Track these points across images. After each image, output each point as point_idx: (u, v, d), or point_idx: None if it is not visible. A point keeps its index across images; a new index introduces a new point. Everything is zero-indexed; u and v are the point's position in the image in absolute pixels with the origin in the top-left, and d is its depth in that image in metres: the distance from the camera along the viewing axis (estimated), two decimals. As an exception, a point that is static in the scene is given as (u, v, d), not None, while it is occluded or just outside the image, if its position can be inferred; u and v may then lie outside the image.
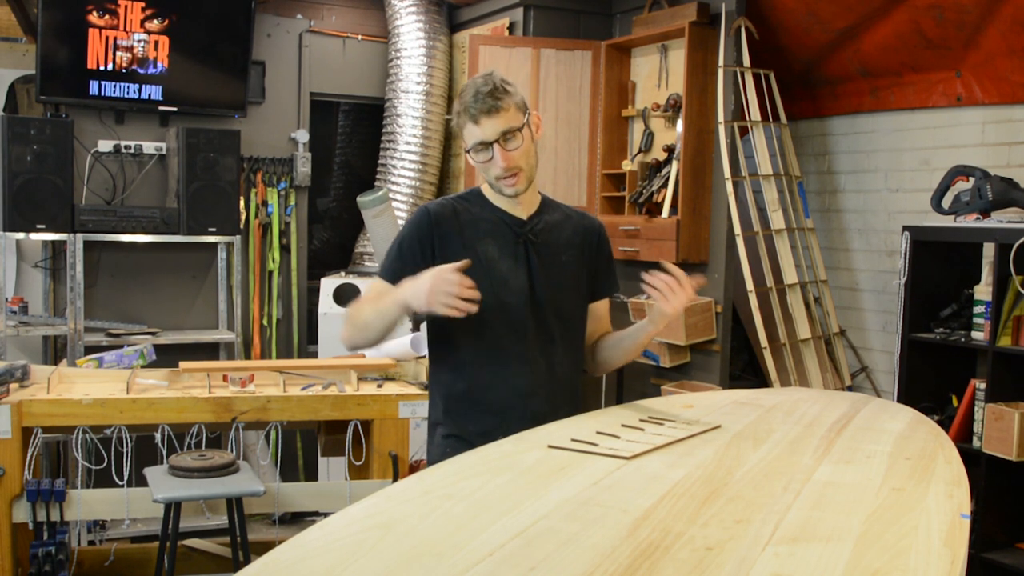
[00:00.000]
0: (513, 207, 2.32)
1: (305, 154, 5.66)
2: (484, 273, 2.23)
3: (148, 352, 4.22)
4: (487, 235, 2.28)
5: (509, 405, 2.26)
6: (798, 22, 4.39)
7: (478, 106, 2.17)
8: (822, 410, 2.37)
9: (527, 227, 2.32)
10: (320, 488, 4.25)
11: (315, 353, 5.49)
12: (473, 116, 2.18)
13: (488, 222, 2.30)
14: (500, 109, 2.18)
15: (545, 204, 2.39)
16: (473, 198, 2.35)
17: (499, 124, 2.18)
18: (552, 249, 2.33)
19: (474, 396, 2.29)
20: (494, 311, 2.24)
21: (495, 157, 2.20)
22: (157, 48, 5.09)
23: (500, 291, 2.25)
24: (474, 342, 2.27)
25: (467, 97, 2.19)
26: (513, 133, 2.20)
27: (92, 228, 4.89)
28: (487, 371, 2.28)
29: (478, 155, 2.22)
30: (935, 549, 1.42)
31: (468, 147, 2.24)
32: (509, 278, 2.27)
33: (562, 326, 2.33)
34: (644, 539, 1.41)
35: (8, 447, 3.33)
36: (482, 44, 5.05)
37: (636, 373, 4.96)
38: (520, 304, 2.27)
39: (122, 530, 4.83)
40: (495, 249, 2.28)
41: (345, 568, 1.29)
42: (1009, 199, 3.68)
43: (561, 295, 2.32)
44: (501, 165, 2.20)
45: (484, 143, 2.20)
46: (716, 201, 4.54)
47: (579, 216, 2.44)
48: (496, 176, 2.23)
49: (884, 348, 4.56)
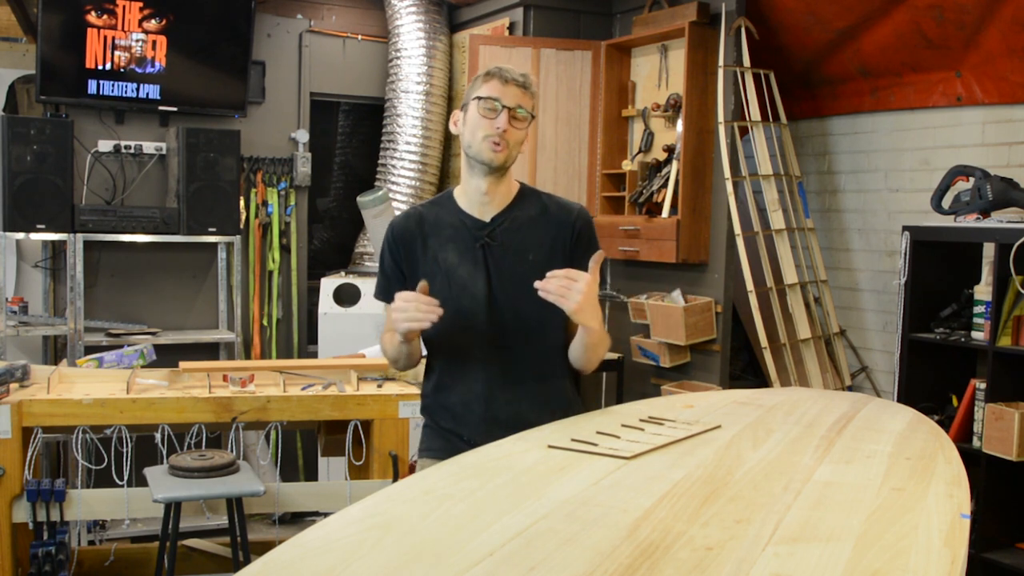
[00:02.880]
0: (480, 208, 2.31)
1: (305, 154, 5.66)
2: (445, 280, 2.27)
3: (148, 352, 4.22)
4: (449, 241, 2.30)
5: (468, 409, 2.30)
6: (798, 22, 4.39)
7: (512, 76, 2.23)
8: (822, 410, 2.37)
9: (487, 229, 2.29)
10: (320, 488, 4.25)
11: (315, 353, 5.49)
12: (504, 79, 2.22)
13: (451, 227, 2.31)
14: (528, 89, 2.25)
15: (521, 197, 2.35)
16: (444, 201, 2.38)
17: (521, 97, 2.23)
18: (516, 249, 2.28)
19: (440, 397, 2.37)
20: (454, 317, 2.25)
21: (500, 117, 2.21)
22: (155, 48, 5.09)
23: (460, 297, 2.26)
24: (439, 347, 2.35)
25: (499, 67, 2.25)
26: (524, 116, 2.24)
27: (92, 228, 4.89)
28: (450, 375, 2.34)
29: (484, 107, 2.22)
30: (935, 549, 1.42)
31: (480, 95, 2.23)
32: (468, 283, 2.27)
33: (527, 329, 2.28)
34: (644, 539, 1.41)
35: (8, 447, 3.32)
36: (482, 44, 5.05)
37: (636, 373, 4.96)
38: (479, 309, 2.26)
39: (122, 530, 4.83)
40: (455, 255, 2.29)
41: (345, 568, 1.29)
42: (1009, 199, 3.68)
43: (524, 297, 2.22)
44: (501, 126, 2.21)
45: (499, 101, 2.21)
46: (716, 201, 4.54)
47: (558, 208, 2.36)
48: (487, 135, 2.22)
49: (884, 348, 4.56)
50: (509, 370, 2.29)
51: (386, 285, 2.35)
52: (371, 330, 5.10)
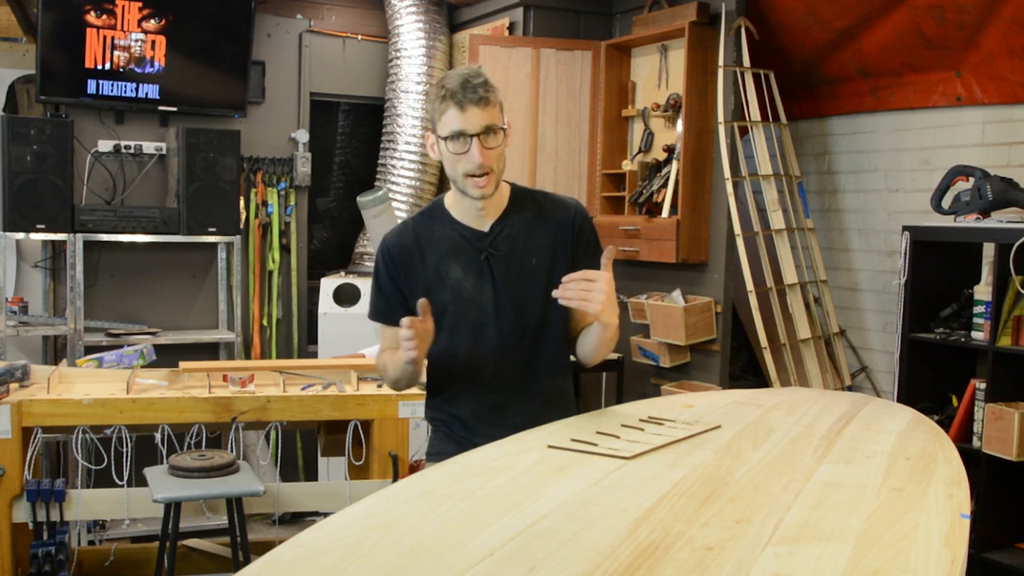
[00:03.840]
0: (476, 218, 2.23)
1: (305, 154, 5.66)
2: (450, 295, 2.22)
3: (148, 352, 4.22)
4: (449, 254, 2.22)
5: (481, 419, 2.27)
6: (798, 22, 4.39)
7: (468, 95, 2.07)
8: (822, 410, 2.37)
9: (487, 240, 2.23)
10: (320, 488, 4.25)
11: (315, 353, 5.49)
12: (460, 103, 2.07)
13: (449, 240, 2.23)
14: (489, 103, 2.09)
15: (515, 202, 2.28)
16: (436, 212, 2.27)
17: (484, 118, 2.08)
18: (519, 256, 2.24)
19: (449, 408, 2.31)
20: (463, 331, 2.22)
21: (471, 151, 2.09)
22: (154, 48, 5.09)
23: (468, 310, 2.22)
24: (446, 360, 2.27)
25: (453, 83, 2.08)
26: (495, 131, 2.11)
27: (92, 228, 4.89)
28: (459, 387, 2.29)
29: (454, 145, 2.10)
30: (935, 549, 1.42)
31: (444, 134, 2.11)
32: (475, 295, 2.22)
33: (537, 335, 2.26)
34: (644, 539, 1.41)
35: (8, 447, 3.33)
36: (482, 44, 5.05)
37: (636, 373, 4.96)
38: (486, 320, 2.23)
39: (122, 530, 4.83)
40: (459, 269, 2.22)
41: (345, 568, 1.29)
42: (1009, 199, 3.68)
43: (532, 304, 2.22)
44: (476, 161, 2.09)
45: (464, 133, 2.08)
46: (716, 201, 4.54)
47: (553, 206, 2.30)
48: (467, 172, 2.12)
49: (884, 348, 4.56)
50: (520, 377, 2.27)
51: (385, 307, 2.28)
52: (371, 330, 5.09)
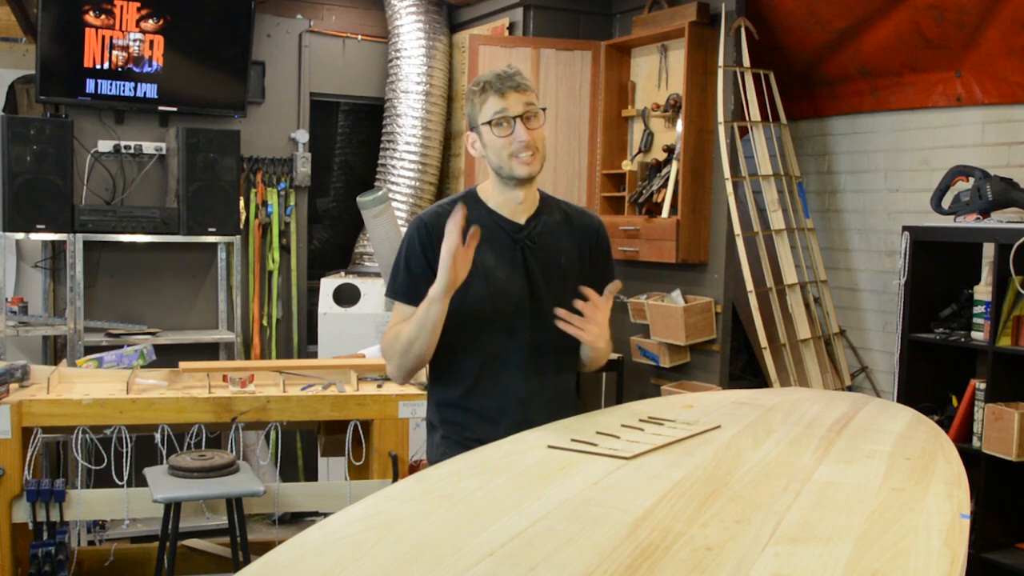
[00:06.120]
0: (513, 210, 2.27)
1: (305, 154, 5.66)
2: (482, 282, 2.21)
3: (148, 352, 4.22)
4: (484, 242, 2.20)
5: (505, 413, 2.24)
6: (798, 22, 4.39)
7: (506, 83, 2.16)
8: (822, 410, 2.37)
9: (524, 232, 2.27)
10: (320, 488, 4.25)
11: (315, 353, 5.49)
12: (499, 89, 2.16)
13: (485, 228, 2.21)
14: (526, 88, 2.18)
15: (545, 203, 2.33)
16: (470, 201, 2.27)
17: (524, 100, 2.17)
18: (550, 253, 2.29)
19: (470, 403, 2.27)
20: (492, 320, 2.22)
21: (516, 130, 2.16)
22: (152, 47, 5.09)
23: (498, 300, 2.23)
24: (473, 350, 2.25)
25: (489, 76, 2.19)
26: (535, 114, 2.19)
27: (92, 228, 4.89)
28: (485, 379, 2.26)
29: (498, 128, 2.17)
30: (935, 549, 1.42)
31: (487, 119, 2.18)
32: (507, 286, 2.23)
33: (560, 332, 2.25)
34: (644, 539, 1.41)
35: (8, 447, 3.32)
36: (482, 44, 5.05)
37: (636, 373, 4.96)
38: (519, 312, 2.24)
39: (122, 530, 4.83)
40: (492, 257, 2.23)
41: (345, 568, 1.29)
42: (1009, 199, 3.68)
43: (560, 301, 2.23)
44: (523, 139, 2.16)
45: (507, 114, 2.16)
46: (716, 201, 4.54)
47: (578, 214, 2.39)
48: (514, 152, 2.17)
49: (884, 348, 4.56)
50: (548, 373, 2.28)
51: (409, 285, 2.24)
52: (371, 330, 5.10)
